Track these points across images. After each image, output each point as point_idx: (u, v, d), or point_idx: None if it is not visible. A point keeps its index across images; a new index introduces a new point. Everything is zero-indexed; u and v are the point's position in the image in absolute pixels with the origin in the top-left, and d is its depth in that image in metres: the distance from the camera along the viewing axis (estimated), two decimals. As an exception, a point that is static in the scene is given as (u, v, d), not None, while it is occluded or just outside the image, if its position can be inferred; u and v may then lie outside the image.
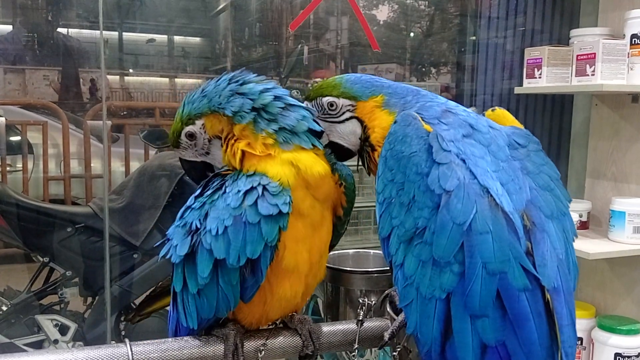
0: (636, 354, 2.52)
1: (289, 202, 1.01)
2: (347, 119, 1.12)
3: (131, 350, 1.01)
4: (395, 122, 1.01)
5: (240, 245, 1.00)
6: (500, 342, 0.85)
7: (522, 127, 1.08)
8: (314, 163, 1.06)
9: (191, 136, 1.13)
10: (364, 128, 1.11)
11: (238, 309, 1.09)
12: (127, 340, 1.06)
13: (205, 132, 1.12)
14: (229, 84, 1.09)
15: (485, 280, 0.84)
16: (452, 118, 1.01)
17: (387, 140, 1.01)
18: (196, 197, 1.10)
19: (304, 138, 1.07)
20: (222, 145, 1.11)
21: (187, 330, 1.12)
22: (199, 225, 1.04)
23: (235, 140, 1.08)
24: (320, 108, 1.13)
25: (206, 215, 1.04)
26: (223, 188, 1.06)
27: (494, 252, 0.85)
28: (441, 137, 0.94)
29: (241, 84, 1.09)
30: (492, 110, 1.13)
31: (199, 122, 1.11)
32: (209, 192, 1.07)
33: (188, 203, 1.11)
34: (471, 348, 0.85)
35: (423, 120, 0.99)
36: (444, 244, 0.87)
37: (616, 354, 2.54)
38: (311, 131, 1.09)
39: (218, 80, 1.11)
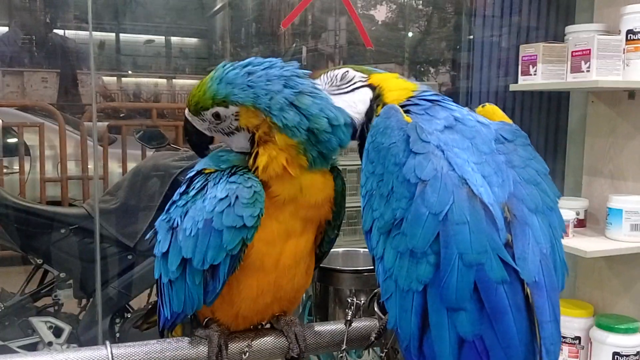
0: (634, 353, 2.50)
1: (258, 215, 0.99)
2: (357, 88, 1.11)
3: (111, 353, 0.99)
4: (378, 116, 1.01)
5: (204, 249, 1.00)
6: (478, 336, 0.83)
7: (511, 122, 1.07)
8: (320, 190, 1.05)
9: (217, 116, 1.05)
10: (379, 90, 1.09)
11: (213, 307, 1.09)
12: (107, 342, 1.04)
13: (237, 120, 1.04)
14: (284, 87, 1.01)
15: (461, 272, 0.83)
16: (439, 111, 1.00)
17: (369, 134, 1.00)
18: (181, 194, 1.09)
19: (326, 164, 1.06)
20: (249, 140, 1.05)
21: (164, 318, 1.13)
22: (179, 222, 1.05)
23: (272, 148, 1.02)
24: (330, 80, 1.12)
25: (186, 213, 1.04)
26: (205, 188, 1.04)
27: (470, 243, 0.83)
28: (420, 127, 0.93)
29: (297, 93, 1.01)
30: (482, 106, 1.11)
31: (233, 108, 1.02)
32: (193, 192, 1.06)
33: (174, 198, 1.10)
34: (448, 342, 0.84)
35: (409, 112, 0.99)
36: (419, 233, 0.85)
37: (614, 353, 2.52)
38: None
39: (268, 69, 1.02)
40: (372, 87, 1.10)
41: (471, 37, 3.13)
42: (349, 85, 1.11)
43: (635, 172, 2.70)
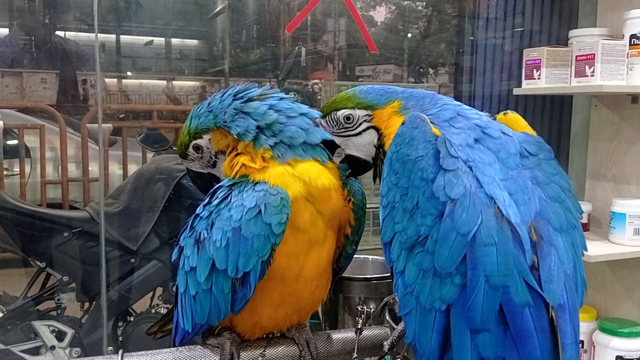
0: (637, 357, 2.50)
1: (285, 222, 1.00)
2: (364, 130, 1.11)
3: (123, 363, 0.99)
4: (403, 124, 0.99)
5: (236, 257, 1.00)
6: (500, 358, 0.83)
7: (534, 133, 1.04)
8: (318, 175, 1.05)
9: (198, 149, 1.15)
10: (380, 135, 1.09)
11: (232, 317, 1.09)
12: (120, 351, 1.04)
13: (212, 146, 1.14)
14: (233, 100, 1.10)
15: (487, 294, 0.82)
16: (463, 122, 0.98)
17: (393, 142, 0.98)
18: (204, 206, 1.10)
19: (299, 151, 1.06)
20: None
21: (184, 331, 1.13)
22: (205, 235, 1.05)
23: (237, 155, 1.09)
24: (335, 122, 1.11)
25: (212, 224, 1.04)
26: (229, 197, 1.05)
27: (497, 265, 0.82)
28: (449, 141, 0.91)
29: (246, 101, 1.09)
30: (504, 114, 1.09)
31: (206, 137, 1.14)
32: (216, 202, 1.07)
33: (197, 211, 1.11)
34: None
35: (432, 123, 0.97)
36: (446, 254, 0.84)
37: (617, 357, 2.52)
38: (325, 143, 1.09)
39: (223, 94, 1.12)
40: (377, 129, 1.09)
41: (472, 38, 3.13)
42: (355, 127, 1.11)
43: (638, 176, 2.71)
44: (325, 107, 1.14)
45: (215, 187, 1.11)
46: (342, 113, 1.10)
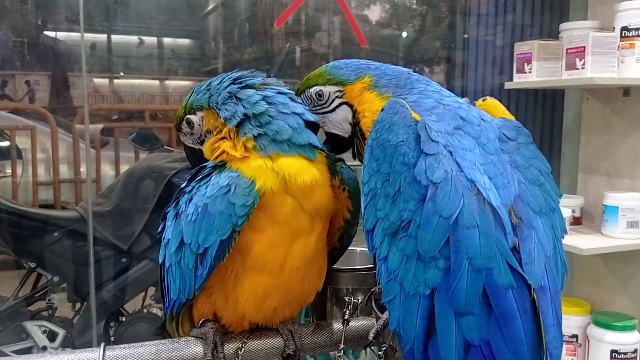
0: (632, 350, 2.50)
1: (249, 206, 0.99)
2: (337, 106, 1.10)
3: (103, 355, 0.98)
4: (382, 110, 0.98)
5: (198, 231, 1.02)
6: (485, 341, 0.82)
7: (512, 118, 1.05)
8: (300, 171, 1.03)
9: (190, 124, 1.16)
10: (354, 113, 1.08)
11: (217, 307, 1.08)
12: (102, 344, 1.03)
13: (202, 124, 1.14)
14: (231, 83, 1.10)
15: (471, 277, 0.81)
16: (442, 109, 0.98)
17: (373, 129, 0.97)
18: (189, 181, 1.11)
19: (284, 147, 1.04)
20: None
21: (167, 303, 1.15)
22: (183, 209, 1.07)
23: (221, 139, 1.08)
24: (310, 100, 1.11)
25: (190, 199, 1.06)
26: (210, 176, 1.06)
27: (480, 247, 0.82)
28: (429, 127, 0.91)
29: (242, 87, 1.08)
30: (483, 100, 1.09)
31: (199, 114, 1.14)
32: (199, 177, 1.08)
33: (182, 186, 1.13)
34: (454, 346, 0.82)
35: (412, 109, 0.96)
36: (429, 238, 0.84)
37: (612, 351, 2.51)
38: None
39: (225, 76, 1.12)
40: (350, 106, 1.09)
41: (466, 35, 3.13)
42: (329, 104, 1.10)
43: (630, 169, 2.70)
44: (300, 84, 1.13)
45: (201, 165, 1.11)
46: (313, 90, 1.10)
